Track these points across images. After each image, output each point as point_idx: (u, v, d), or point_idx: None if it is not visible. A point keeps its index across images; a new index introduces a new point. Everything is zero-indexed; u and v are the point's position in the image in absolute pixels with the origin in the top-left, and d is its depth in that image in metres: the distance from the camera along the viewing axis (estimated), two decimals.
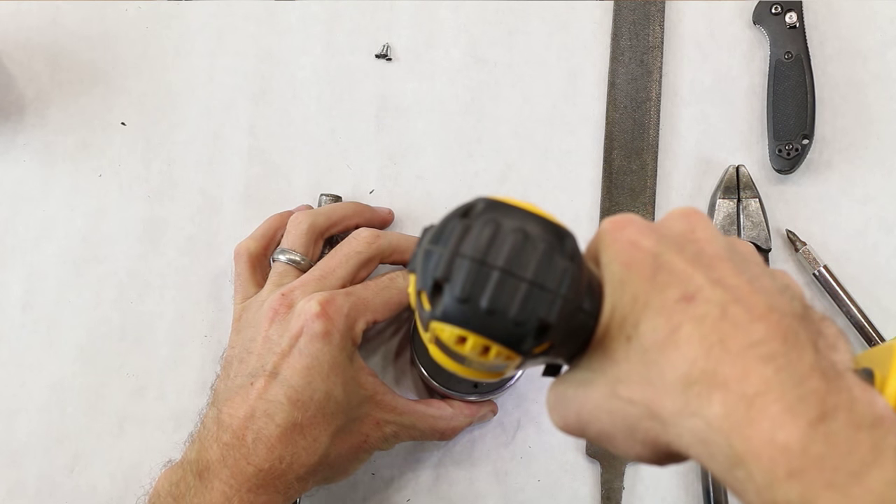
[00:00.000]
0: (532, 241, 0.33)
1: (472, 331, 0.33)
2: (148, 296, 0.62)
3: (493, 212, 0.34)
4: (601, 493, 0.59)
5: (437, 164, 0.64)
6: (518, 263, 0.33)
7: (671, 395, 0.31)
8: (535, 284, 0.32)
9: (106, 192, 0.64)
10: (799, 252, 0.61)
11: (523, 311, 0.32)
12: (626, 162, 0.63)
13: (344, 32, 0.66)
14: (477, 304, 0.32)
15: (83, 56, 0.66)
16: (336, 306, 0.49)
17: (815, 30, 0.64)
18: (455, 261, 0.33)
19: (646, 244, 0.34)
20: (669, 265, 0.33)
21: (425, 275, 0.33)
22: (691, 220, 0.36)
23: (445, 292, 0.33)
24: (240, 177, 0.64)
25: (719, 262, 0.34)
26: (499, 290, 0.32)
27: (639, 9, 0.65)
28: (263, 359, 0.49)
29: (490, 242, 0.33)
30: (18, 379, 0.62)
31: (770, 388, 0.29)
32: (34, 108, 0.65)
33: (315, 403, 0.48)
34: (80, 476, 0.61)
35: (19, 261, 0.63)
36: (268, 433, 0.47)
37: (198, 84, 0.65)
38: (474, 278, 0.32)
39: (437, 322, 0.33)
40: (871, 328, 0.60)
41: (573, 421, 0.36)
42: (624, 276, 0.34)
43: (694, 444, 0.31)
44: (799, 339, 0.31)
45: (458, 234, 0.33)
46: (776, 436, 0.28)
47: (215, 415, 0.49)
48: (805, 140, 0.62)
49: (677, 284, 0.32)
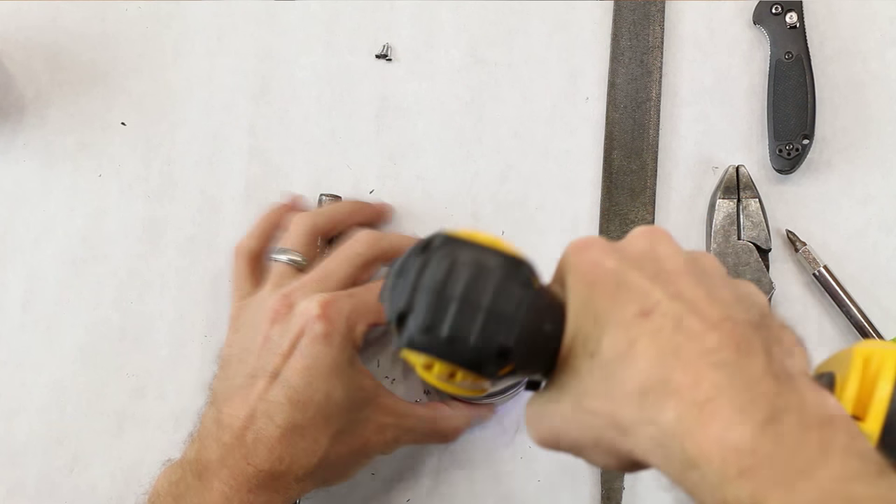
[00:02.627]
0: (487, 271, 0.35)
1: (437, 357, 0.35)
2: (148, 296, 0.62)
3: (449, 246, 0.36)
4: (601, 493, 0.59)
5: (437, 164, 0.64)
6: (475, 293, 0.35)
7: (629, 405, 0.32)
8: (492, 311, 0.35)
9: (106, 192, 0.64)
10: (799, 252, 0.61)
11: (483, 338, 0.35)
12: (626, 162, 0.63)
13: (344, 32, 0.66)
14: (438, 332, 0.35)
15: (83, 56, 0.66)
16: (337, 308, 0.49)
17: (815, 30, 0.64)
18: (416, 294, 0.35)
19: (608, 264, 0.35)
20: (629, 282, 0.35)
21: (391, 307, 0.36)
22: (652, 238, 0.37)
23: (409, 322, 0.35)
24: (240, 177, 0.64)
25: (678, 276, 0.35)
26: (458, 318, 0.35)
27: (639, 9, 0.65)
28: (264, 359, 0.49)
29: (447, 275, 0.35)
30: (18, 379, 0.62)
31: (720, 393, 0.30)
32: (34, 108, 0.65)
33: (315, 405, 0.48)
34: (79, 476, 0.61)
35: (19, 261, 0.63)
36: (268, 434, 0.47)
37: (198, 84, 0.65)
38: (434, 308, 0.35)
39: (405, 350, 0.36)
40: (871, 328, 0.60)
41: (546, 434, 0.38)
42: (587, 295, 0.35)
43: (651, 450, 0.32)
44: (752, 346, 0.32)
45: (417, 268, 0.36)
46: (726, 437, 0.29)
47: (215, 415, 0.49)
48: (805, 140, 0.62)
49: (636, 300, 0.34)
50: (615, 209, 0.63)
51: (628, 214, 0.63)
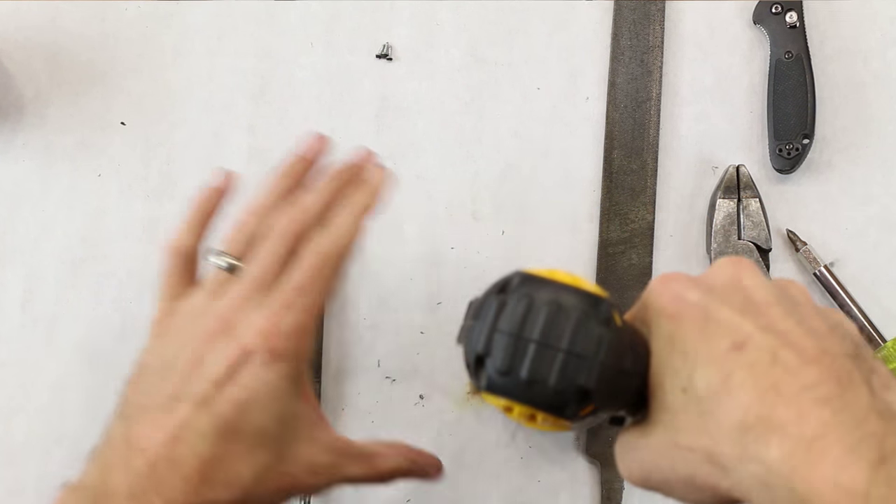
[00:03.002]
0: (565, 312, 0.35)
1: (516, 400, 0.35)
2: (147, 295, 0.62)
3: (526, 286, 0.36)
4: (601, 494, 0.59)
5: (437, 164, 0.64)
6: (553, 334, 0.34)
7: (728, 441, 0.32)
8: (571, 353, 0.34)
9: (105, 192, 0.64)
10: (799, 252, 0.61)
11: (562, 380, 0.34)
12: (627, 162, 0.63)
13: (344, 32, 0.66)
14: (517, 375, 0.34)
15: (83, 56, 0.66)
16: (281, 330, 0.43)
17: (815, 29, 0.64)
18: (494, 336, 0.35)
19: (692, 297, 0.35)
20: (717, 316, 0.34)
21: (468, 350, 0.36)
22: (737, 268, 0.37)
23: (488, 365, 0.35)
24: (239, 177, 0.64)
25: (767, 307, 0.34)
26: (536, 361, 0.34)
27: (639, 8, 0.65)
28: (192, 383, 0.43)
29: (525, 316, 0.35)
30: (18, 379, 0.61)
31: (828, 431, 0.30)
32: (33, 108, 0.65)
33: (244, 437, 0.42)
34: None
35: (19, 261, 0.63)
36: (184, 463, 0.41)
37: (197, 84, 0.65)
38: (513, 351, 0.34)
39: (483, 393, 0.36)
40: (871, 328, 0.60)
41: (636, 470, 0.37)
42: (672, 331, 0.35)
43: (755, 488, 0.31)
44: (853, 380, 0.31)
45: (494, 310, 0.35)
46: (839, 478, 0.29)
47: (123, 433, 0.43)
48: (805, 140, 0.62)
49: (726, 334, 0.33)
50: (615, 209, 0.63)
51: (629, 214, 0.63)
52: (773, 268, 0.61)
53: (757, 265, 0.37)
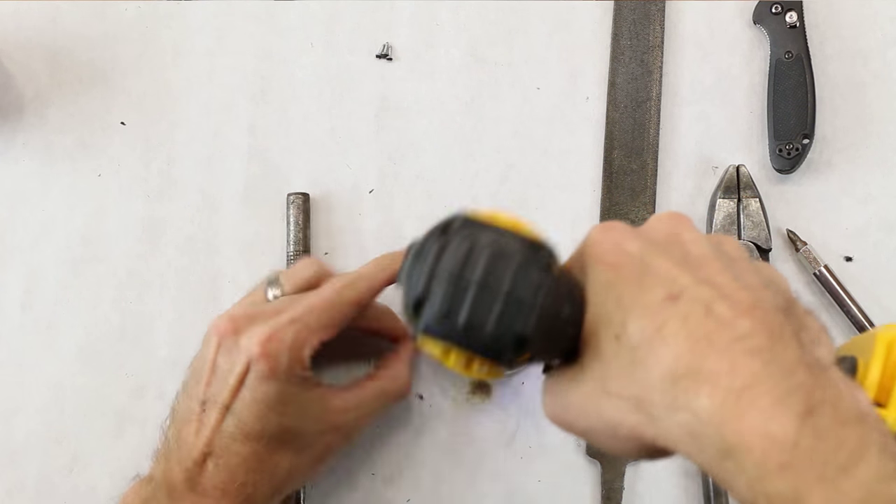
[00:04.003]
0: (506, 256, 0.34)
1: (454, 344, 0.34)
2: (147, 296, 0.62)
3: (468, 228, 0.35)
4: (601, 493, 0.59)
5: (437, 164, 0.64)
6: (494, 278, 0.34)
7: (658, 390, 0.32)
8: (511, 297, 0.34)
9: (105, 192, 0.64)
10: (799, 252, 0.61)
11: (500, 325, 0.34)
12: (627, 162, 0.63)
13: (344, 32, 0.66)
14: (456, 319, 0.34)
15: (83, 56, 0.66)
16: (279, 341, 0.47)
17: (815, 29, 0.64)
18: (433, 278, 0.34)
19: (631, 248, 0.35)
20: (654, 267, 0.34)
21: (408, 293, 0.35)
22: (676, 222, 0.37)
23: (426, 308, 0.34)
24: (239, 177, 0.64)
25: (705, 261, 0.35)
26: (475, 305, 0.34)
27: (639, 8, 0.65)
28: (214, 389, 0.48)
29: (466, 259, 0.34)
30: (18, 379, 0.61)
31: (758, 381, 0.30)
32: (33, 108, 0.65)
33: (269, 435, 0.48)
34: (79, 476, 0.60)
35: (19, 261, 0.63)
36: (228, 463, 0.47)
37: (197, 84, 0.65)
38: (452, 294, 0.34)
39: (422, 336, 0.35)
40: (871, 328, 0.60)
41: (561, 414, 0.37)
42: (610, 279, 0.35)
43: (682, 437, 0.31)
44: (784, 334, 0.32)
45: (435, 252, 0.35)
46: (768, 428, 0.29)
47: (175, 434, 0.49)
48: (805, 140, 0.62)
49: (663, 284, 0.33)
50: (615, 209, 0.63)
51: (629, 214, 0.63)
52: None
53: (692, 221, 0.37)
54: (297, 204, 0.62)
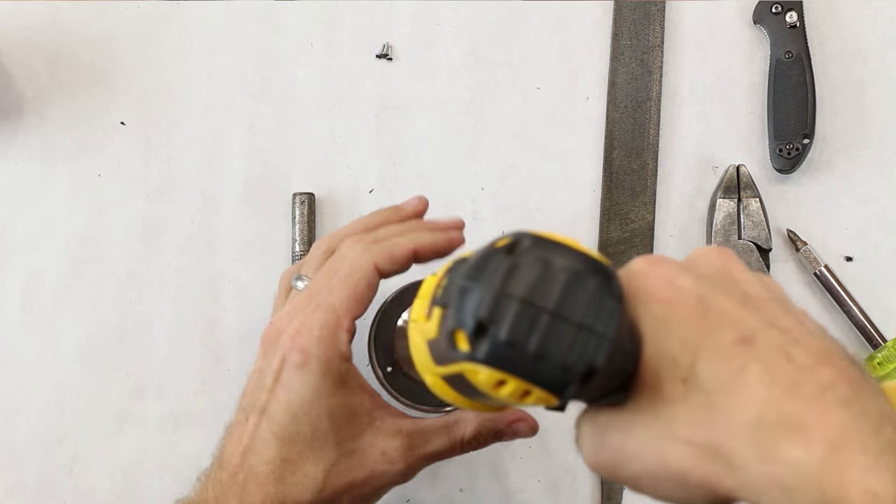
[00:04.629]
0: (583, 282, 0.31)
1: (516, 375, 0.31)
2: (147, 296, 0.62)
3: (540, 249, 0.32)
4: (601, 493, 0.59)
5: (437, 164, 0.64)
6: (568, 305, 0.31)
7: (741, 438, 0.30)
8: (585, 328, 0.31)
9: (105, 192, 0.64)
10: (800, 251, 0.61)
11: (571, 356, 0.31)
12: (627, 161, 0.63)
13: (344, 32, 0.66)
14: (524, 348, 0.31)
15: (82, 56, 0.66)
16: (306, 331, 0.46)
17: (815, 29, 0.64)
18: (502, 301, 0.31)
19: (685, 283, 0.34)
20: (718, 306, 0.33)
21: (464, 313, 0.31)
22: (724, 258, 0.36)
23: (489, 334, 0.31)
24: (239, 177, 0.64)
25: (765, 303, 0.33)
26: (548, 334, 0.31)
27: (639, 8, 0.65)
28: (255, 394, 0.47)
29: (539, 282, 0.31)
30: (18, 379, 0.61)
31: (851, 435, 0.29)
32: (33, 108, 0.65)
33: (302, 438, 0.46)
34: (79, 476, 0.60)
35: (19, 261, 0.63)
36: (257, 472, 0.45)
37: (197, 84, 0.65)
38: (523, 321, 0.31)
39: (475, 364, 0.31)
40: (871, 328, 0.60)
41: (607, 459, 0.35)
42: (667, 316, 0.33)
43: (770, 489, 0.30)
44: (862, 385, 0.31)
45: (503, 272, 0.31)
46: (868, 484, 0.28)
47: (219, 453, 0.48)
48: (805, 139, 0.62)
49: (730, 326, 0.32)
50: (616, 209, 0.63)
51: (629, 214, 0.63)
52: (773, 268, 0.61)
53: (738, 257, 0.36)
54: (305, 203, 0.62)
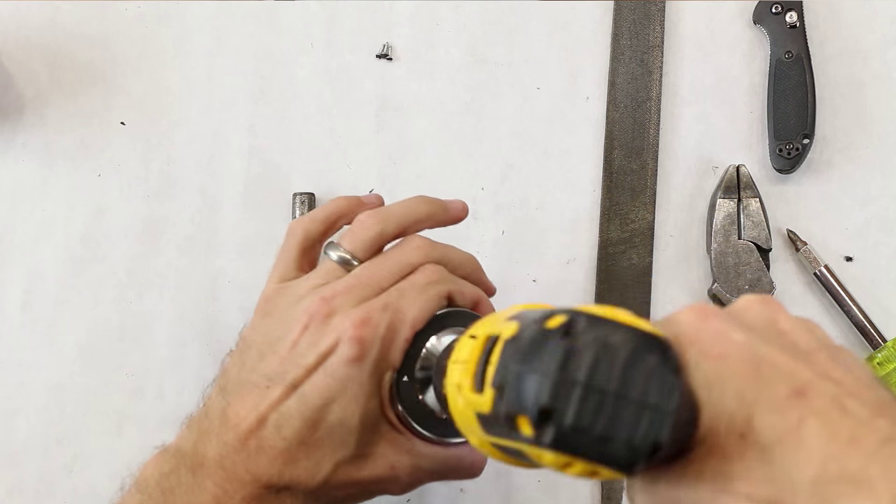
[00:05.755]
0: (641, 360, 0.32)
1: (585, 458, 0.31)
2: (147, 296, 0.62)
3: (596, 329, 0.32)
4: (601, 494, 0.59)
5: (437, 164, 0.64)
6: (629, 385, 0.31)
7: (803, 493, 0.30)
8: (648, 406, 0.31)
9: (105, 192, 0.64)
10: (800, 252, 0.61)
11: (636, 437, 0.31)
12: (627, 161, 0.63)
13: (344, 32, 0.66)
14: (590, 432, 0.31)
15: (82, 56, 0.66)
16: (372, 327, 0.45)
17: (815, 29, 0.64)
18: (564, 387, 0.31)
19: (737, 337, 0.34)
20: (769, 359, 0.33)
21: (525, 400, 0.32)
22: (770, 307, 0.36)
23: (554, 420, 0.31)
24: (240, 177, 0.64)
25: (815, 353, 0.33)
26: (613, 416, 0.31)
27: (639, 8, 0.65)
28: (286, 366, 0.46)
29: (599, 365, 0.31)
30: (18, 379, 0.61)
31: None
32: (33, 108, 0.65)
33: (326, 426, 0.45)
34: (79, 476, 0.60)
35: (19, 261, 0.63)
36: (272, 445, 0.45)
37: (197, 84, 0.65)
38: (587, 405, 0.31)
39: (541, 448, 0.32)
40: (871, 328, 0.60)
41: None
42: (721, 373, 0.33)
43: None
44: None
45: (562, 357, 0.31)
46: None
47: (222, 406, 0.46)
48: (805, 139, 0.62)
49: (783, 379, 0.32)
50: (615, 209, 0.63)
51: (629, 214, 0.63)
52: (773, 268, 0.61)
53: (783, 306, 0.36)
54: (305, 203, 0.62)
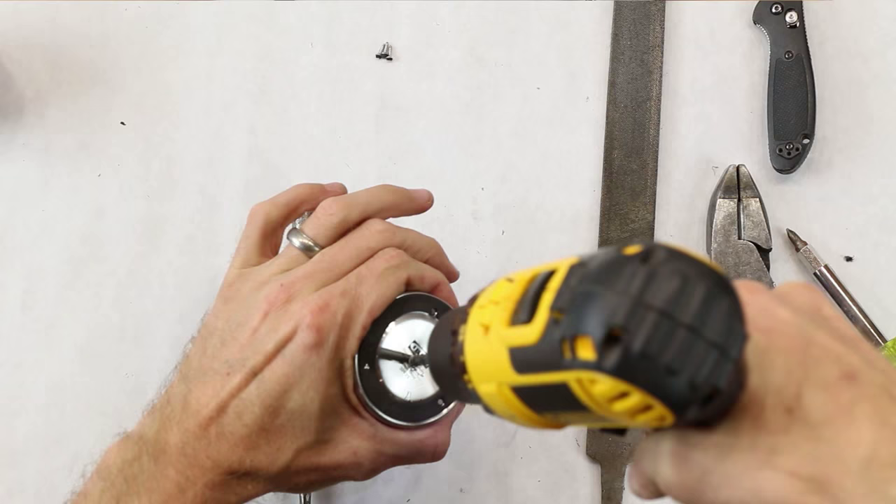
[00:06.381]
0: (718, 301, 0.31)
1: (643, 389, 0.30)
2: (147, 295, 0.62)
3: (677, 262, 0.31)
4: (601, 494, 0.59)
5: (437, 164, 0.64)
6: (704, 323, 0.30)
7: (848, 473, 0.31)
8: (717, 347, 0.30)
9: (105, 192, 0.64)
10: (800, 252, 0.61)
11: (701, 375, 0.30)
12: (627, 161, 0.63)
13: (344, 32, 0.66)
14: (657, 361, 0.29)
15: (83, 56, 0.66)
16: (330, 314, 0.45)
17: (815, 29, 0.64)
18: (639, 310, 0.30)
19: (784, 315, 0.34)
20: (817, 339, 0.33)
21: (592, 320, 0.30)
22: (814, 294, 0.36)
23: (622, 343, 0.29)
24: (240, 176, 0.64)
25: (860, 342, 0.34)
26: (684, 349, 0.30)
27: (639, 8, 0.65)
28: (246, 352, 0.46)
29: (678, 296, 0.30)
30: (18, 379, 0.61)
31: None
32: (33, 108, 0.65)
33: (287, 413, 0.45)
34: (78, 476, 0.60)
35: (19, 261, 0.63)
36: (233, 431, 0.45)
37: (197, 84, 0.65)
38: (660, 333, 0.29)
39: (598, 373, 0.30)
40: (871, 328, 0.60)
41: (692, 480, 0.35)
42: (768, 345, 0.33)
43: None
44: None
45: (641, 281, 0.30)
46: None
47: (183, 393, 0.46)
48: (805, 139, 0.62)
49: (833, 361, 0.32)
50: (615, 209, 0.63)
51: (629, 214, 0.63)
52: (773, 268, 0.61)
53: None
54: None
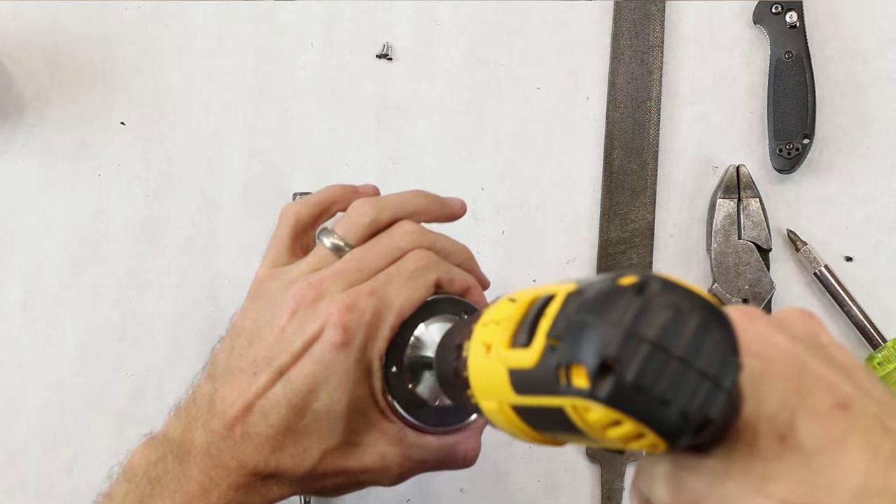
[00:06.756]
0: (710, 332, 0.31)
1: (635, 418, 0.30)
2: (147, 295, 0.62)
3: (671, 294, 0.32)
4: (601, 494, 0.59)
5: (437, 164, 0.64)
6: (696, 354, 0.31)
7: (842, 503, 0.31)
8: (709, 378, 0.31)
9: (105, 192, 0.64)
10: (800, 252, 0.61)
11: (693, 405, 0.30)
12: (627, 161, 0.63)
13: (344, 32, 0.66)
14: (650, 392, 0.30)
15: (82, 56, 0.66)
16: (358, 313, 0.45)
17: (815, 29, 0.64)
18: (631, 342, 0.30)
19: (781, 341, 0.34)
20: (812, 367, 0.33)
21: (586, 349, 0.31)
22: (812, 322, 0.36)
23: (615, 373, 0.30)
24: (239, 177, 0.64)
25: (855, 370, 0.34)
26: (674, 381, 0.30)
27: (639, 8, 0.65)
28: (273, 352, 0.46)
29: (670, 328, 0.31)
30: (18, 379, 0.61)
31: None
32: (33, 108, 0.65)
33: (313, 413, 0.45)
34: (78, 476, 0.60)
35: (19, 261, 0.63)
36: (259, 432, 0.45)
37: (197, 84, 0.65)
38: (652, 364, 0.30)
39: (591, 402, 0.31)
40: (871, 328, 0.60)
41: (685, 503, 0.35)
42: (763, 372, 0.34)
43: None
44: None
45: (634, 312, 0.31)
46: None
47: (209, 393, 0.46)
48: (805, 139, 0.62)
49: (827, 390, 0.33)
50: (615, 209, 0.63)
51: (629, 214, 0.63)
52: (773, 268, 0.61)
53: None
54: None
